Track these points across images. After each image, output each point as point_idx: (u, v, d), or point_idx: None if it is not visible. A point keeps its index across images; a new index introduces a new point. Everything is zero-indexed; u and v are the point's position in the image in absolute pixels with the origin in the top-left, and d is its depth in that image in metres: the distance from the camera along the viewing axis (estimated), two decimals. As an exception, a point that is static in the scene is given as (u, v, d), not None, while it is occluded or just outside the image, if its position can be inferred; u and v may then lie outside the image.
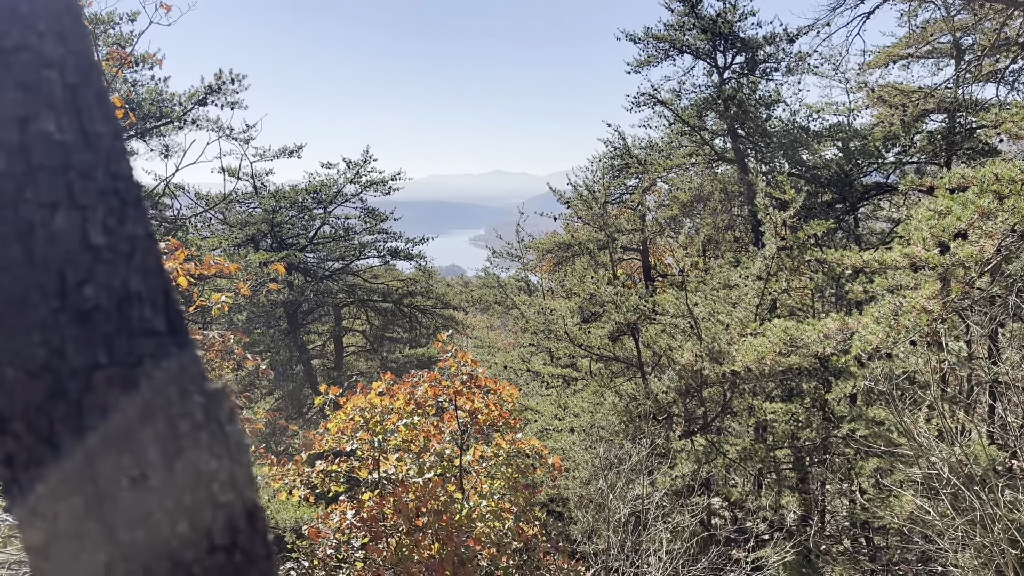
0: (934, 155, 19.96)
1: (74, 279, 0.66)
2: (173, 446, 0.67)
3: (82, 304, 0.66)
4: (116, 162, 0.74)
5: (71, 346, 0.65)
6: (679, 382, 14.05)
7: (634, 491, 11.93)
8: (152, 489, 0.65)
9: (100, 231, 0.69)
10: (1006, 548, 7.68)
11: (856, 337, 7.41)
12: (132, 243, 0.72)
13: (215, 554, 0.67)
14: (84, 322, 0.66)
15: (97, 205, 0.70)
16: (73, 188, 0.69)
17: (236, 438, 0.72)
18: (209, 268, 7.96)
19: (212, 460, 0.69)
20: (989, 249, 6.26)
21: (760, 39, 20.66)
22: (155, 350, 0.69)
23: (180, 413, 0.68)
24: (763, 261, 13.57)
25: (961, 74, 18.26)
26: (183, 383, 0.70)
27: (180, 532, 0.65)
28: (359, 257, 27.26)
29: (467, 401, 8.25)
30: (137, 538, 0.64)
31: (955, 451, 8.70)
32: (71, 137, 0.70)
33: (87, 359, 0.65)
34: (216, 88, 16.75)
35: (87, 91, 0.74)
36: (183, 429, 0.68)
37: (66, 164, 0.69)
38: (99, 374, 0.65)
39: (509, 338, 32.79)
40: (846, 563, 14.60)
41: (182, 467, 0.67)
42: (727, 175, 22.31)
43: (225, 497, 0.69)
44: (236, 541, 0.69)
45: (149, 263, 0.73)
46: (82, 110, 0.72)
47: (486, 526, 8.13)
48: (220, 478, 0.69)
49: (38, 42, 0.71)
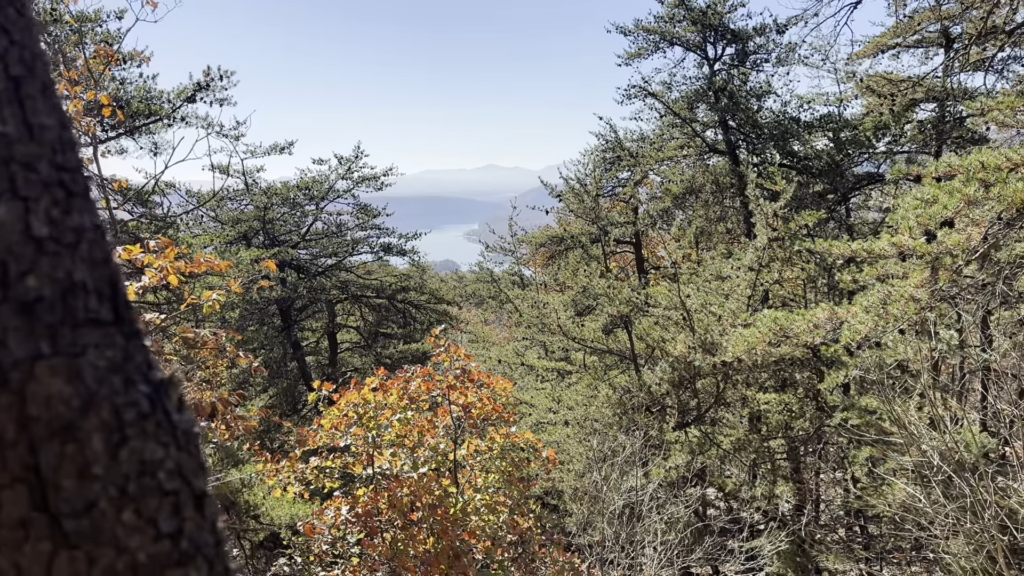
0: (924, 144, 20.01)
1: (16, 270, 0.67)
2: (117, 435, 0.67)
3: (25, 295, 0.66)
4: (62, 154, 0.74)
5: (13, 336, 0.65)
6: (672, 374, 14.08)
7: (628, 483, 11.97)
8: (96, 478, 0.65)
9: (43, 222, 0.69)
10: (996, 534, 7.73)
11: (845, 326, 7.44)
12: (78, 234, 0.72)
13: (160, 541, 0.68)
14: (27, 313, 0.66)
15: (41, 196, 0.70)
16: (15, 179, 0.69)
17: (184, 427, 0.72)
18: (200, 266, 7.93)
19: (158, 449, 0.69)
20: (976, 237, 6.29)
21: (750, 30, 20.70)
22: (100, 340, 0.69)
23: (125, 402, 0.68)
24: (755, 252, 13.60)
25: (950, 63, 18.29)
26: (128, 372, 0.70)
27: (125, 520, 0.66)
28: (352, 253, 27.21)
29: (461, 395, 8.26)
30: (82, 527, 0.64)
31: (946, 439, 8.75)
32: (14, 129, 0.70)
33: (30, 349, 0.65)
34: (205, 85, 16.67)
35: (31, 82, 0.74)
36: (128, 418, 0.68)
37: (8, 156, 0.69)
38: (42, 364, 0.66)
39: (503, 332, 32.82)
40: (840, 551, 14.68)
41: (126, 456, 0.67)
42: (718, 167, 22.33)
43: (171, 485, 0.70)
44: (182, 528, 0.70)
45: (95, 254, 0.73)
46: (25, 101, 0.72)
47: (481, 520, 8.15)
48: (167, 466, 0.70)
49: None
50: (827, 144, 20.88)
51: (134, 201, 16.98)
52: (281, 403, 23.32)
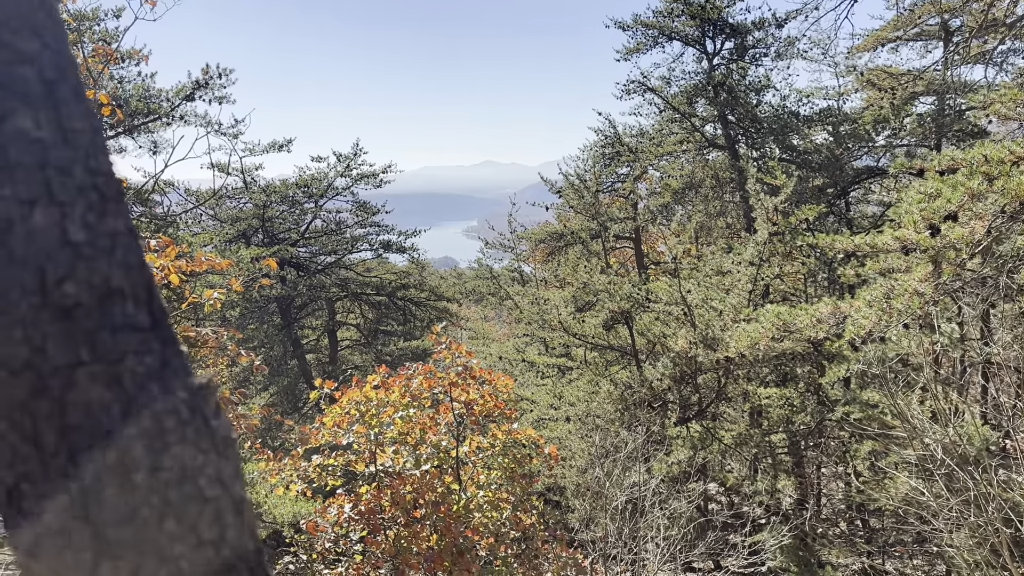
0: (924, 138, 19.99)
1: (54, 276, 0.66)
2: (158, 442, 0.66)
3: (63, 301, 0.66)
4: (95, 158, 0.74)
5: (52, 343, 0.64)
6: (673, 369, 14.08)
7: (631, 478, 11.97)
8: (138, 486, 0.64)
9: (80, 227, 0.69)
10: (1000, 527, 7.73)
11: (849, 321, 7.43)
12: (113, 239, 0.71)
13: (203, 549, 0.67)
14: (65, 319, 0.65)
15: (76, 201, 0.69)
16: (51, 185, 0.68)
17: (223, 433, 0.72)
18: (201, 265, 7.93)
19: (198, 455, 0.69)
20: (979, 230, 6.28)
21: (749, 24, 20.65)
22: (138, 346, 0.69)
23: (165, 409, 0.68)
24: (755, 247, 13.59)
25: (950, 56, 18.27)
26: (167, 379, 0.69)
27: (167, 529, 0.65)
28: (351, 251, 27.19)
29: (462, 392, 8.26)
30: (124, 535, 0.63)
31: (949, 432, 8.75)
32: (49, 134, 0.70)
33: (69, 356, 0.65)
34: (203, 83, 16.64)
35: (64, 87, 0.73)
36: (168, 425, 0.68)
37: (44, 161, 0.68)
38: (82, 371, 0.65)
39: (503, 329, 32.82)
40: (843, 545, 14.70)
41: (168, 463, 0.66)
42: (718, 161, 22.31)
43: (212, 492, 0.69)
44: (224, 536, 0.69)
45: (131, 258, 0.72)
46: (59, 106, 0.71)
47: (484, 516, 8.15)
48: (207, 473, 0.69)
49: (13, 37, 0.70)
50: (826, 138, 20.86)
51: (134, 200, 16.96)
52: (282, 401, 23.32)
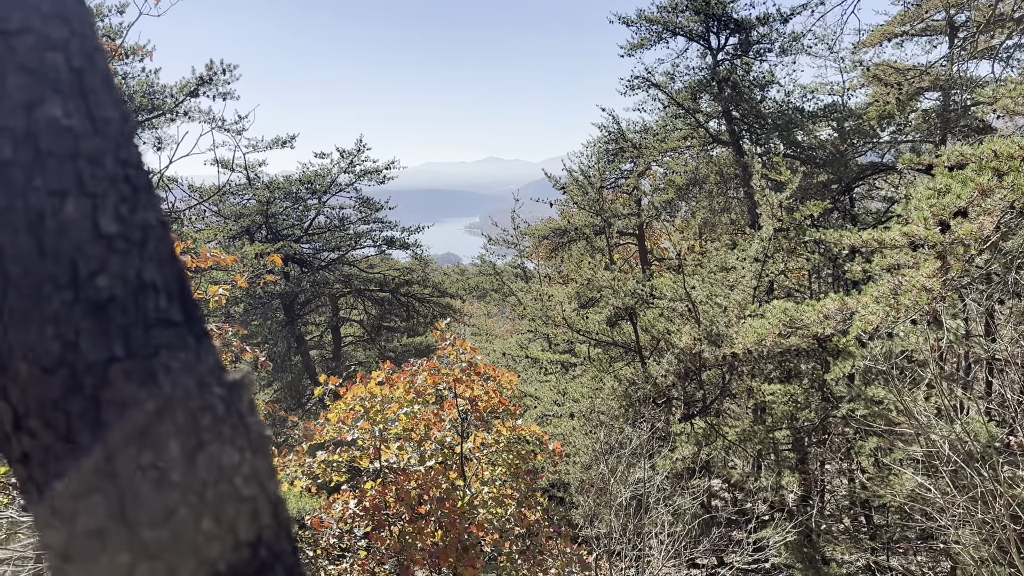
0: (929, 134, 19.92)
1: (87, 270, 0.64)
2: (194, 440, 0.65)
3: (96, 295, 0.64)
4: (126, 148, 0.72)
5: (86, 339, 0.62)
6: (678, 365, 14.06)
7: (635, 475, 11.95)
8: (174, 485, 0.63)
9: (112, 219, 0.67)
10: (1007, 524, 7.71)
11: (856, 317, 7.40)
12: (145, 231, 0.69)
13: (240, 550, 0.65)
14: (99, 314, 0.63)
15: (108, 192, 0.68)
16: (82, 175, 0.66)
17: (257, 430, 0.70)
18: (206, 260, 7.92)
19: (234, 453, 0.67)
20: (988, 226, 6.25)
21: (754, 19, 20.56)
22: (172, 341, 0.67)
23: (200, 406, 0.66)
24: (760, 243, 13.56)
25: (956, 51, 18.20)
26: (202, 375, 0.67)
27: (204, 529, 0.63)
28: (355, 247, 27.19)
29: (467, 389, 8.24)
30: (161, 536, 0.62)
31: (954, 428, 8.73)
32: (78, 122, 0.68)
33: (103, 352, 0.63)
34: (208, 79, 16.62)
35: (93, 74, 0.71)
36: (204, 422, 0.66)
37: (74, 151, 0.67)
38: (116, 367, 0.63)
39: (507, 325, 32.81)
40: (847, 542, 14.68)
41: (204, 462, 0.65)
42: (722, 157, 22.24)
43: (248, 491, 0.67)
44: (261, 536, 0.67)
45: (163, 251, 0.70)
46: (89, 94, 0.70)
47: (488, 512, 8.14)
48: (243, 472, 0.67)
49: (42, 24, 0.68)
50: (831, 134, 20.78)
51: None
52: (286, 397, 23.34)
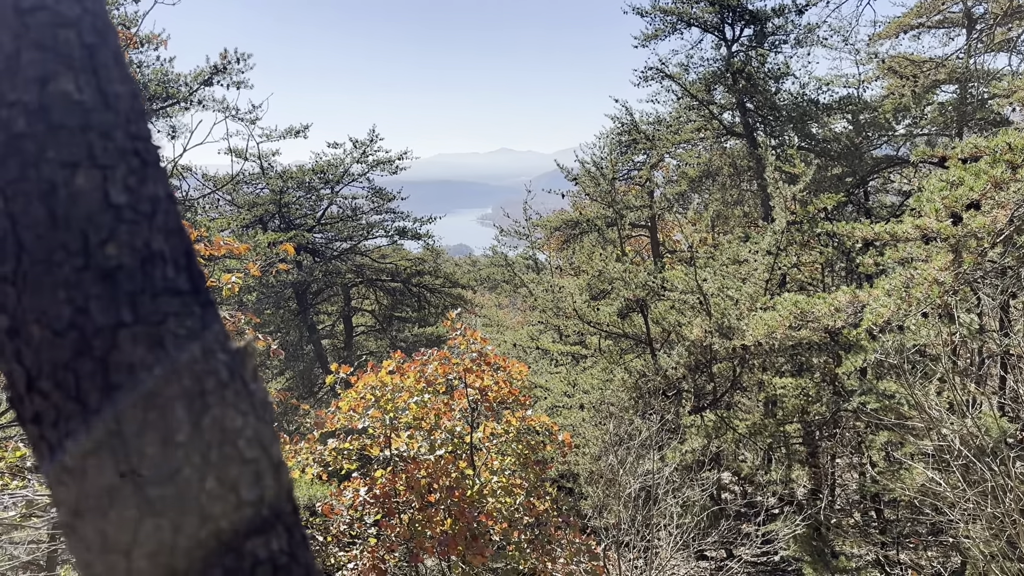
0: (945, 126, 19.74)
1: (97, 238, 0.67)
2: (199, 403, 0.67)
3: (105, 263, 0.66)
4: (135, 123, 0.74)
5: (95, 304, 0.65)
6: (688, 358, 14.05)
7: (644, 466, 11.97)
8: (179, 446, 0.65)
9: (121, 190, 0.69)
10: (1017, 519, 7.68)
11: (868, 310, 7.38)
12: (153, 203, 0.72)
13: (243, 509, 0.68)
14: (108, 281, 0.66)
15: (118, 165, 0.70)
16: (93, 148, 0.69)
17: (260, 396, 0.72)
18: (220, 248, 7.97)
19: (238, 417, 0.69)
20: (1002, 220, 6.21)
21: (769, 11, 20.42)
22: (179, 309, 0.69)
23: (205, 370, 0.68)
24: (773, 236, 13.50)
25: (972, 44, 18.00)
26: (207, 341, 0.70)
27: (208, 488, 0.66)
28: (367, 237, 27.28)
29: (477, 379, 8.28)
30: (166, 494, 0.64)
31: (966, 423, 8.68)
32: (90, 97, 0.70)
33: (111, 317, 0.65)
34: (222, 68, 16.69)
35: (104, 51, 0.73)
36: (209, 386, 0.68)
37: (86, 124, 0.69)
38: (124, 332, 0.66)
39: (518, 316, 32.85)
40: (857, 536, 14.66)
41: (208, 424, 0.67)
42: (736, 149, 22.14)
43: (251, 453, 0.70)
44: (263, 496, 0.70)
45: (171, 223, 0.73)
46: (100, 70, 0.72)
47: (497, 502, 8.19)
48: (246, 435, 0.70)
49: (55, 2, 0.70)
50: (846, 126, 20.64)
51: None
52: (298, 386, 23.50)
